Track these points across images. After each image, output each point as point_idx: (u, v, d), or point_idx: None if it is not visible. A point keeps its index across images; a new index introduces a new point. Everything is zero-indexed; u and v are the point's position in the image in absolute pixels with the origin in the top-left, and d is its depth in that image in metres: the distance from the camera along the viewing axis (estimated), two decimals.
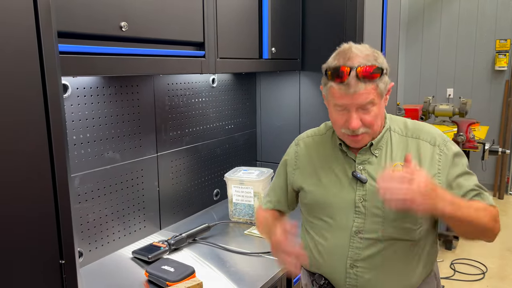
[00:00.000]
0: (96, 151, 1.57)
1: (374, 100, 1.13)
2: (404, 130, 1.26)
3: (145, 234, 1.83)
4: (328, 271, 1.26)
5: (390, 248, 1.18)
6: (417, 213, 1.11)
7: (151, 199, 1.85)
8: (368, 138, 1.20)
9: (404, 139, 1.24)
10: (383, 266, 1.19)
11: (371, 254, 1.19)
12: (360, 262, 1.20)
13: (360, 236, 1.20)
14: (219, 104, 2.22)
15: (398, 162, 1.21)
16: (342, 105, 1.14)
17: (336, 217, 1.23)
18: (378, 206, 1.18)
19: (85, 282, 1.46)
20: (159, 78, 1.82)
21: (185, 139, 2.01)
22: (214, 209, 2.21)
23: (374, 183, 1.19)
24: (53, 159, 0.73)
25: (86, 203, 1.55)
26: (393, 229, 1.17)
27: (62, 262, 0.75)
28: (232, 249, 1.70)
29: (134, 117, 1.72)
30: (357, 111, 1.13)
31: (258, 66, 1.93)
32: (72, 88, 1.46)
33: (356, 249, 1.20)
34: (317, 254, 1.27)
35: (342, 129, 1.18)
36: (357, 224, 1.20)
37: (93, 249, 1.60)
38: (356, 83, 1.09)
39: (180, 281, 1.39)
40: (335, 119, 1.19)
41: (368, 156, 1.23)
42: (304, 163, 1.34)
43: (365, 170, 1.22)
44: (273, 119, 2.51)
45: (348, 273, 1.21)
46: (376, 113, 1.16)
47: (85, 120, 1.52)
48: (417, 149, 1.21)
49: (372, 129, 1.18)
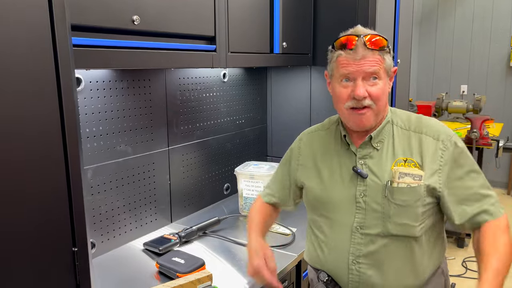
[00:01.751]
0: (109, 144, 1.60)
1: (379, 71, 1.13)
2: (407, 124, 1.23)
3: (156, 226, 1.85)
4: (331, 267, 1.25)
5: (392, 244, 1.17)
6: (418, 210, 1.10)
7: (163, 192, 1.87)
8: (372, 117, 1.17)
9: (407, 133, 1.22)
10: (385, 262, 1.17)
11: (373, 250, 1.17)
12: (362, 258, 1.18)
13: (361, 232, 1.18)
14: (230, 99, 2.23)
15: (400, 157, 1.19)
16: (349, 74, 1.14)
17: (337, 213, 1.22)
18: (378, 201, 1.17)
19: (98, 272, 1.49)
20: (171, 72, 1.84)
21: (196, 134, 2.03)
22: (225, 203, 2.22)
23: (375, 177, 1.18)
24: (67, 151, 0.74)
25: (99, 195, 1.58)
26: (393, 225, 1.15)
27: (75, 249, 0.76)
28: (242, 242, 1.71)
29: (146, 110, 1.74)
30: (363, 82, 1.14)
31: (269, 61, 1.93)
32: (85, 81, 1.48)
33: (357, 245, 1.19)
34: (320, 251, 1.27)
35: (346, 103, 1.16)
36: (358, 219, 1.19)
37: (105, 240, 1.62)
38: (363, 50, 1.12)
39: (190, 272, 1.41)
40: (339, 93, 1.17)
41: (369, 150, 1.22)
42: (306, 158, 1.33)
43: (366, 165, 1.21)
44: (284, 114, 2.51)
45: (350, 270, 1.20)
46: (381, 88, 1.15)
47: (98, 113, 1.55)
48: (420, 144, 1.19)
49: (377, 105, 1.15)
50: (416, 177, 1.15)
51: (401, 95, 2.56)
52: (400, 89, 2.50)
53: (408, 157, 1.18)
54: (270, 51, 1.92)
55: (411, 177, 1.15)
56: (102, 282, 1.42)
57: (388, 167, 1.18)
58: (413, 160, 1.18)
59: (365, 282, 1.19)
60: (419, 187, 1.15)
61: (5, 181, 0.67)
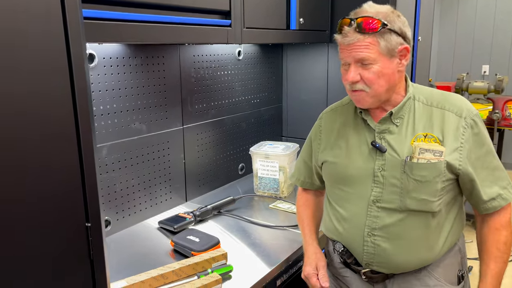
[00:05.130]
0: (123, 121, 1.58)
1: (370, 56, 1.10)
2: (429, 99, 1.20)
3: (171, 205, 1.85)
4: (346, 239, 1.25)
5: (408, 219, 1.16)
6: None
7: (177, 171, 1.86)
8: (368, 99, 1.16)
9: (429, 109, 1.19)
10: (401, 236, 1.17)
11: (389, 223, 1.17)
12: (378, 231, 1.18)
13: (378, 206, 1.18)
14: (245, 78, 2.19)
15: (420, 133, 1.16)
16: (343, 58, 1.15)
17: (355, 187, 1.22)
18: (396, 176, 1.15)
19: (113, 249, 1.50)
20: (185, 50, 1.80)
21: (211, 112, 2.00)
22: (240, 183, 2.21)
23: (394, 153, 1.16)
24: (79, 126, 0.72)
25: (114, 173, 1.57)
26: (410, 200, 1.14)
27: (88, 225, 0.75)
28: (256, 222, 1.70)
29: (160, 88, 1.72)
30: (356, 66, 1.13)
31: (285, 37, 1.88)
32: (98, 57, 1.46)
33: (373, 218, 1.18)
34: (337, 223, 1.27)
35: (346, 85, 1.18)
36: (375, 193, 1.18)
37: (121, 218, 1.63)
38: (352, 34, 1.10)
39: (205, 251, 1.40)
40: (342, 75, 1.19)
41: (388, 126, 1.19)
42: (327, 135, 1.32)
43: (385, 140, 1.19)
44: (300, 93, 2.46)
45: (365, 241, 1.19)
46: (377, 71, 1.11)
47: (112, 90, 1.53)
48: (442, 120, 1.16)
49: (372, 89, 1.13)
50: (437, 153, 1.12)
51: (421, 74, 2.48)
52: (420, 68, 2.42)
53: (429, 132, 1.16)
54: (286, 27, 1.86)
55: (431, 153, 1.13)
56: (118, 259, 1.43)
57: (408, 143, 1.16)
58: (433, 135, 1.15)
59: (380, 254, 1.18)
60: (440, 163, 1.12)
61: (17, 156, 0.65)
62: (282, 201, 1.91)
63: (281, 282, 1.43)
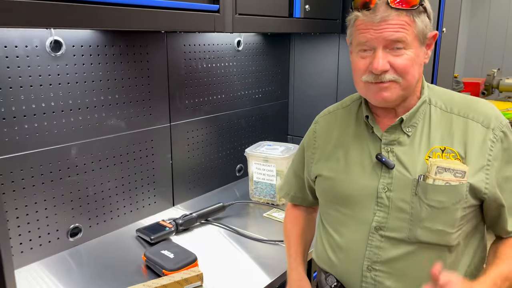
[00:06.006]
0: (97, 118, 1.41)
1: (406, 38, 0.89)
2: (449, 104, 0.98)
3: (156, 210, 1.68)
4: (341, 272, 1.04)
5: (418, 253, 0.94)
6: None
7: (163, 173, 1.68)
8: (399, 91, 0.93)
9: (448, 116, 0.97)
10: (408, 273, 0.95)
11: (394, 257, 0.95)
12: (380, 265, 0.97)
13: (381, 234, 0.96)
14: (245, 70, 1.99)
15: (437, 146, 0.94)
16: (366, 42, 0.91)
17: (354, 208, 1.00)
18: (406, 199, 0.94)
19: (81, 260, 1.34)
20: (173, 38, 1.62)
21: (204, 108, 1.81)
22: (237, 185, 2.02)
23: (404, 169, 0.95)
24: None
25: (85, 175, 1.41)
26: (422, 230, 0.93)
27: None
28: (246, 234, 1.51)
29: (143, 81, 1.53)
30: (385, 51, 0.90)
31: (288, 26, 1.67)
32: (66, 45, 1.29)
33: (375, 248, 0.97)
34: (331, 251, 1.06)
35: (363, 76, 0.94)
36: (378, 218, 0.97)
37: (94, 225, 1.46)
38: (385, 9, 0.88)
39: (178, 270, 1.22)
40: (355, 64, 0.96)
41: (398, 136, 0.98)
42: (322, 144, 1.11)
43: (393, 153, 0.97)
44: (308, 88, 2.24)
45: (364, 277, 0.99)
46: (411, 58, 0.91)
47: (84, 83, 1.36)
48: (464, 131, 0.94)
49: (404, 79, 0.92)
50: (458, 173, 0.91)
51: (445, 70, 2.22)
52: (443, 62, 2.17)
53: (448, 146, 0.94)
54: (289, 14, 1.65)
55: (451, 172, 0.91)
56: (82, 272, 1.27)
57: (422, 158, 0.95)
58: (453, 150, 0.93)
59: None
60: (461, 186, 0.90)
61: None
62: (279, 209, 1.71)
63: None
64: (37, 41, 1.22)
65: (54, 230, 1.35)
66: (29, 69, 1.21)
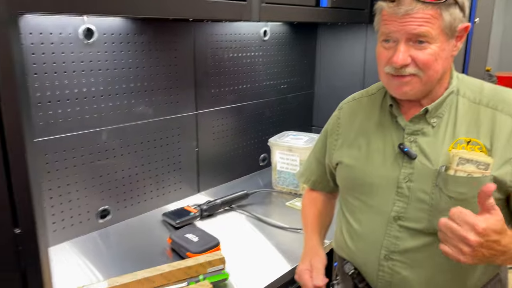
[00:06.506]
0: (126, 104, 1.46)
1: (430, 32, 0.87)
2: (478, 95, 0.96)
3: (181, 196, 1.72)
4: (359, 260, 1.05)
5: (437, 245, 0.92)
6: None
7: (189, 160, 1.72)
8: (419, 86, 0.92)
9: (475, 108, 0.95)
10: (426, 264, 0.94)
11: (412, 247, 0.95)
12: (397, 255, 0.97)
13: (400, 224, 0.96)
14: (271, 61, 2.00)
15: (462, 137, 0.92)
16: (389, 33, 0.90)
17: (373, 197, 1.00)
18: (426, 190, 0.93)
19: (109, 242, 1.39)
20: (200, 27, 1.64)
21: (230, 98, 1.83)
22: (260, 175, 2.04)
23: (426, 160, 0.94)
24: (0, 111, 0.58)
25: (114, 159, 1.46)
26: None
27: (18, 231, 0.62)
28: (268, 221, 1.53)
29: (171, 69, 1.57)
30: (407, 45, 0.89)
31: (314, 16, 1.66)
32: (98, 33, 1.33)
33: (393, 238, 0.97)
34: (349, 239, 1.07)
35: (385, 67, 0.93)
36: (397, 208, 0.96)
37: (122, 208, 1.52)
38: (410, 2, 0.86)
39: (201, 253, 1.26)
40: (379, 54, 0.95)
41: (422, 126, 0.96)
42: (345, 131, 1.10)
43: (416, 143, 0.96)
44: (334, 79, 2.23)
45: (381, 266, 0.99)
46: (435, 53, 0.89)
47: (114, 70, 1.40)
48: (492, 123, 0.92)
49: (426, 74, 0.90)
50: (482, 165, 0.89)
51: (476, 63, 2.16)
52: (475, 56, 2.10)
53: (473, 138, 0.92)
54: (316, 4, 1.64)
55: (474, 164, 0.89)
56: (110, 253, 1.32)
57: (445, 149, 0.93)
58: (479, 142, 0.91)
59: (398, 284, 0.97)
60: (484, 179, 0.88)
61: None
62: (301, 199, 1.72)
63: None
64: (71, 28, 1.27)
65: (84, 211, 1.41)
66: (63, 55, 1.26)
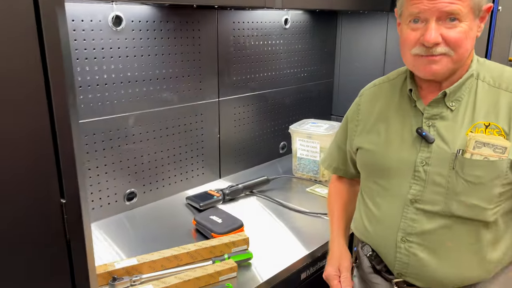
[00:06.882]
0: (152, 90, 1.50)
1: (461, 10, 0.87)
2: (498, 79, 0.96)
3: (203, 181, 1.77)
4: (376, 242, 1.07)
5: (454, 227, 0.95)
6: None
7: (211, 146, 1.76)
8: (449, 64, 0.92)
9: (495, 92, 0.95)
10: (442, 246, 0.96)
11: (428, 229, 0.97)
12: (414, 237, 0.98)
13: (416, 206, 0.98)
14: (292, 49, 2.01)
15: (481, 121, 0.93)
16: (419, 13, 0.90)
17: (391, 181, 1.02)
18: (443, 173, 0.94)
19: (135, 223, 1.45)
20: (223, 15, 1.67)
21: (251, 85, 1.86)
22: (280, 162, 2.07)
23: (444, 144, 0.95)
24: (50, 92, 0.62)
25: (141, 143, 1.50)
26: (458, 204, 0.93)
27: (63, 201, 0.66)
28: (289, 206, 1.56)
29: (195, 56, 1.60)
30: (438, 23, 0.89)
31: (336, 3, 1.67)
32: (126, 20, 1.37)
33: (410, 220, 0.99)
34: (367, 222, 1.09)
35: (413, 48, 0.93)
36: (413, 191, 0.98)
37: (148, 191, 1.57)
38: None
39: (225, 234, 1.30)
40: (406, 36, 0.95)
41: (441, 110, 0.97)
42: (365, 117, 1.12)
43: (434, 127, 0.97)
44: (354, 68, 2.24)
45: (398, 248, 1.01)
46: (465, 31, 0.89)
47: (141, 56, 1.44)
48: (511, 107, 0.92)
49: (457, 52, 0.91)
50: (498, 148, 0.90)
51: (499, 51, 2.13)
52: (498, 44, 2.08)
53: (492, 122, 0.93)
54: None
55: (491, 148, 0.90)
56: (137, 234, 1.37)
57: (463, 133, 0.94)
58: (497, 126, 0.92)
59: (415, 265, 0.99)
60: (501, 162, 0.90)
61: None
62: (322, 185, 1.75)
63: (306, 276, 1.29)
64: (101, 16, 1.31)
65: (112, 194, 1.46)
66: (93, 42, 1.31)
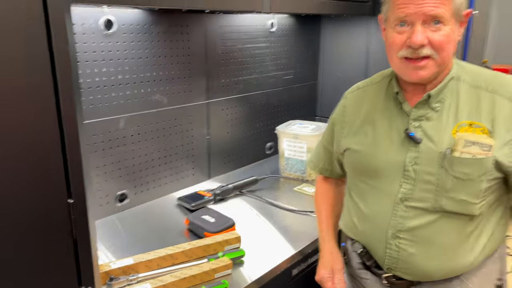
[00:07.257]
0: (143, 93, 1.52)
1: (445, 14, 0.93)
2: (477, 80, 1.02)
3: (194, 181, 1.79)
4: (367, 239, 1.11)
5: (442, 221, 1.00)
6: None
7: (201, 147, 1.79)
8: (433, 68, 0.97)
9: (475, 92, 1.00)
10: (430, 241, 1.01)
11: (417, 225, 1.01)
12: (404, 233, 1.03)
13: (406, 204, 1.02)
14: (278, 52, 2.06)
15: (465, 120, 0.98)
16: (405, 17, 0.95)
17: (381, 181, 1.06)
18: (432, 172, 0.99)
19: (128, 224, 1.46)
20: (211, 19, 1.70)
21: (238, 87, 1.90)
22: (268, 162, 2.12)
23: (431, 143, 1.00)
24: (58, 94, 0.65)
25: (132, 145, 1.52)
26: (447, 200, 0.98)
27: (71, 202, 0.69)
28: (278, 205, 1.61)
29: (184, 59, 1.63)
30: (423, 26, 0.94)
31: (321, 7, 1.73)
32: (118, 24, 1.39)
33: (400, 218, 1.03)
34: (357, 220, 1.13)
35: (400, 51, 0.98)
36: (404, 190, 1.02)
37: (139, 192, 1.58)
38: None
39: (218, 232, 1.33)
40: (392, 40, 0.99)
41: (426, 111, 1.02)
42: (351, 119, 1.16)
43: (421, 128, 1.02)
44: (337, 70, 2.30)
45: (388, 244, 1.05)
46: (448, 34, 0.95)
47: (131, 59, 1.46)
48: (492, 106, 0.98)
49: (440, 55, 0.96)
50: (485, 147, 0.95)
51: (474, 54, 2.23)
52: (474, 47, 2.18)
53: (475, 121, 0.98)
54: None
55: (479, 146, 0.96)
56: (131, 234, 1.39)
57: (449, 132, 0.99)
58: (480, 124, 0.97)
59: (405, 260, 1.04)
60: (487, 160, 0.95)
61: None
62: (309, 184, 1.80)
63: (297, 272, 1.34)
64: (92, 19, 1.33)
65: (104, 195, 1.47)
66: (85, 45, 1.32)
